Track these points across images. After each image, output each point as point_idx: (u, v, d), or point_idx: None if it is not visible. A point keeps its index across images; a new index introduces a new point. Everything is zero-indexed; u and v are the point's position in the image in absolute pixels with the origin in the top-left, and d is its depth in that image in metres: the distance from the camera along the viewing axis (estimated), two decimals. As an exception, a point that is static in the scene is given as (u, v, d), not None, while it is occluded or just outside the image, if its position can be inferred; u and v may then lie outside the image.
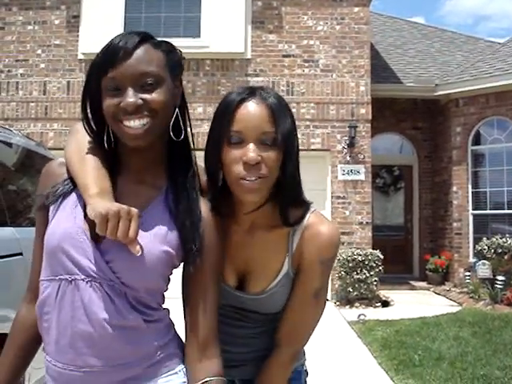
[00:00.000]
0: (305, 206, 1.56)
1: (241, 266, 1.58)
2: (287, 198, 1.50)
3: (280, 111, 1.43)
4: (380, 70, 11.71)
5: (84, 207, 1.34)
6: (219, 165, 1.44)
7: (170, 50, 1.40)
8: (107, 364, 1.31)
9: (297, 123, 1.50)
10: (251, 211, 1.52)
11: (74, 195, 1.38)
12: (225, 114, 1.42)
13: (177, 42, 1.56)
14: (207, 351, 1.38)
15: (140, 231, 1.32)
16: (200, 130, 9.12)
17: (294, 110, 1.49)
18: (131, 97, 1.30)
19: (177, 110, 1.41)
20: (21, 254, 3.14)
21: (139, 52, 1.32)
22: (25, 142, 4.00)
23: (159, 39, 1.41)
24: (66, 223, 1.34)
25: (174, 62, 1.41)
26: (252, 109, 1.41)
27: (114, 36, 1.37)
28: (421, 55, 13.23)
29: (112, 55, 1.31)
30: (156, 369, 1.37)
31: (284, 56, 10.09)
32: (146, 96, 1.31)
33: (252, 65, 10.07)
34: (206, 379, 1.35)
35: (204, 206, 1.43)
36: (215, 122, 1.46)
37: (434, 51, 13.53)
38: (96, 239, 1.31)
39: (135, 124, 1.31)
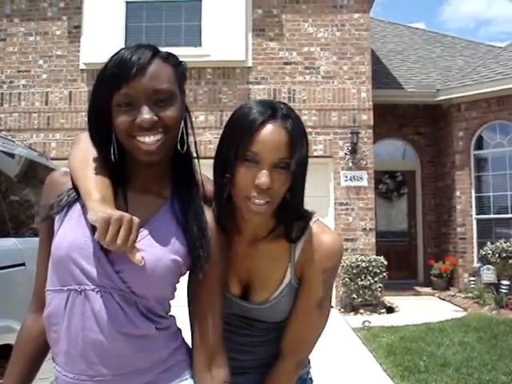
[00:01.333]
0: (307, 216, 1.57)
1: (244, 276, 1.59)
2: (291, 217, 1.52)
3: (298, 139, 1.43)
4: (381, 76, 11.73)
5: None
6: (228, 177, 1.44)
7: (177, 64, 1.41)
8: (119, 372, 1.32)
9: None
10: (265, 236, 1.55)
11: (79, 204, 1.38)
12: (246, 132, 1.41)
13: (178, 50, 1.57)
14: (215, 360, 1.39)
15: (150, 240, 1.33)
16: (202, 139, 9.20)
17: (295, 117, 1.49)
18: (147, 113, 1.30)
19: (182, 122, 1.41)
20: (23, 264, 3.14)
21: (152, 68, 1.32)
22: (27, 153, 4.01)
23: (165, 51, 1.40)
24: (73, 233, 1.34)
25: (181, 75, 1.42)
26: (273, 133, 1.41)
27: (120, 48, 1.36)
28: (422, 60, 13.25)
29: (125, 70, 1.30)
30: (167, 375, 1.38)
31: (285, 63, 10.11)
32: (161, 113, 1.32)
33: (253, 72, 10.09)
34: None
35: (209, 214, 1.45)
36: (233, 135, 1.44)
37: (434, 56, 13.55)
38: (105, 249, 1.30)
39: (150, 140, 1.31)
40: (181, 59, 1.46)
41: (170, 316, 1.45)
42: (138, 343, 1.32)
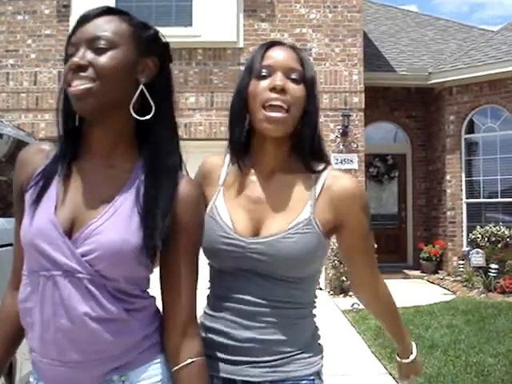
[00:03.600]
0: (326, 158, 1.60)
1: (256, 215, 1.53)
2: (307, 148, 1.55)
3: (305, 58, 1.57)
4: (373, 59, 11.68)
5: (56, 198, 1.33)
6: (245, 108, 1.51)
7: (139, 26, 1.38)
8: (92, 358, 1.30)
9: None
10: (282, 169, 1.56)
11: (47, 185, 1.36)
12: (256, 56, 1.53)
13: (168, 31, 1.55)
14: (188, 331, 1.36)
15: (115, 219, 1.30)
16: (192, 120, 9.15)
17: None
18: (77, 56, 1.29)
19: (141, 86, 1.35)
20: (11, 244, 3.12)
21: (99, 20, 1.33)
22: (15, 133, 3.97)
23: (139, 20, 1.40)
24: (38, 218, 1.31)
25: (144, 37, 1.37)
26: (282, 50, 1.54)
27: None
28: (414, 43, 13.21)
29: (75, 25, 1.34)
30: (142, 357, 1.35)
31: (277, 45, 10.03)
32: (94, 57, 1.29)
33: (245, 54, 9.99)
34: (188, 360, 1.33)
35: (186, 185, 1.38)
36: (243, 72, 1.56)
37: (427, 39, 13.51)
38: (69, 234, 1.29)
39: (76, 83, 1.28)
40: (171, 39, 1.43)
41: (150, 296, 1.41)
42: (108, 328, 1.29)
